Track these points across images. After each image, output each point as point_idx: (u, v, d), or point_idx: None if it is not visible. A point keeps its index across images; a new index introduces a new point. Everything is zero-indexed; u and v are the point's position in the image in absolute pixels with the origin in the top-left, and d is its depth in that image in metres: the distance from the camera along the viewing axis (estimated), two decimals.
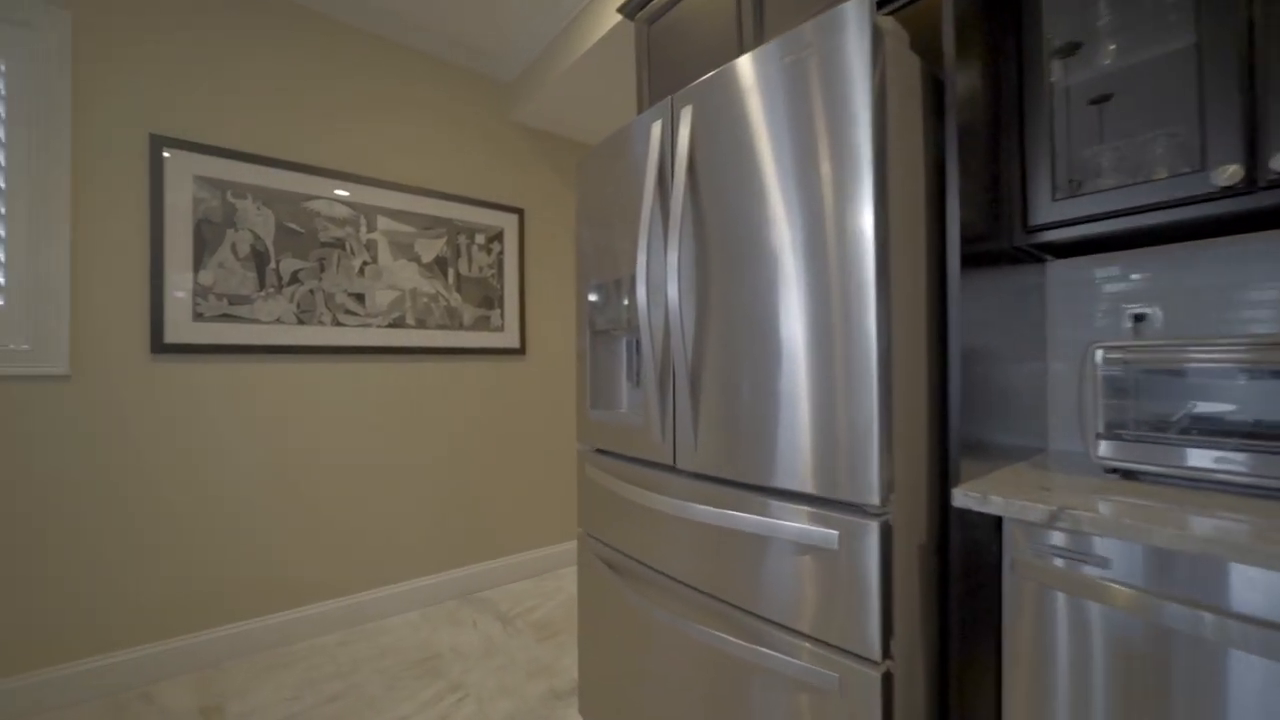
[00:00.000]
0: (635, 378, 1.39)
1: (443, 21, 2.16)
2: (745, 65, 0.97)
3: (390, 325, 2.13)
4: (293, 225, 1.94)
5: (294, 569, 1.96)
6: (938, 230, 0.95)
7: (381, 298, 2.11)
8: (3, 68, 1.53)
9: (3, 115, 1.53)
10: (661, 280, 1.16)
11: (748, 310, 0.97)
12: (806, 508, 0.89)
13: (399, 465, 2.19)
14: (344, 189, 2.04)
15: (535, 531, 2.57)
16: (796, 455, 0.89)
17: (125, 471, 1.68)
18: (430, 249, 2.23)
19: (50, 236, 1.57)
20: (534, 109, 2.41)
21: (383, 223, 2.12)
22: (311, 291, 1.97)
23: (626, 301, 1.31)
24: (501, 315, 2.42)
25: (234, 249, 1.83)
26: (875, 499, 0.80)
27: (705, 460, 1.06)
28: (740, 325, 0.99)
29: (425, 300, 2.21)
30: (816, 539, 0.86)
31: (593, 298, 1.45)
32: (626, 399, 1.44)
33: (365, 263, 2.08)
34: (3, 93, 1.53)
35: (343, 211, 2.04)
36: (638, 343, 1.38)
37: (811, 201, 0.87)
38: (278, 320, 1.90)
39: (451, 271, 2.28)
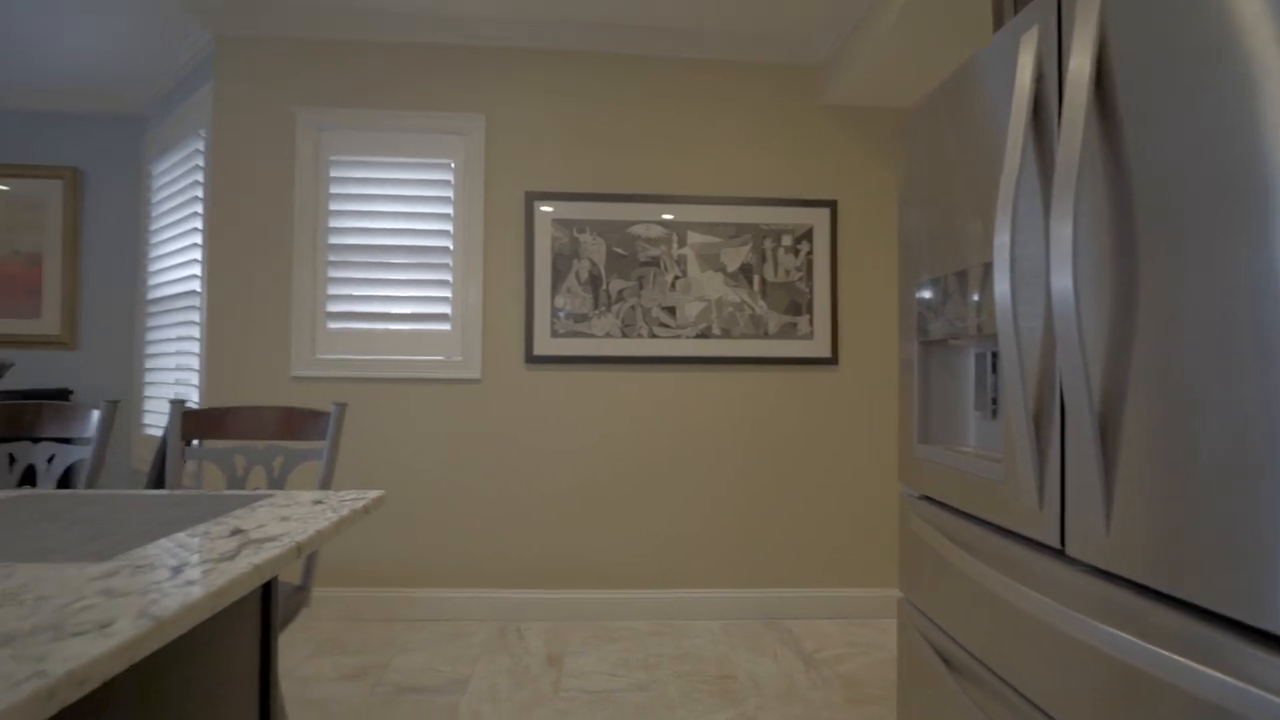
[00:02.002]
0: (990, 407, 0.98)
1: (741, 23, 2.10)
2: None
3: (698, 336, 2.19)
4: (619, 249, 2.18)
5: (618, 553, 2.20)
6: None
7: (690, 309, 2.19)
8: (453, 164, 2.20)
9: (453, 196, 2.19)
10: (1038, 266, 0.77)
11: (1227, 309, 0.51)
12: None
13: (704, 473, 2.22)
14: (659, 210, 2.19)
15: (846, 568, 2.24)
16: None
17: (511, 451, 2.18)
18: (736, 257, 2.20)
19: (474, 275, 2.17)
20: (848, 83, 2.11)
21: (692, 237, 2.19)
22: (633, 307, 2.18)
23: (976, 299, 0.94)
24: (810, 322, 2.20)
25: (577, 275, 2.17)
26: None
27: (1123, 554, 0.63)
28: (1208, 334, 0.53)
29: (731, 309, 2.19)
30: None
31: (923, 297, 1.10)
32: (974, 434, 1.04)
33: (676, 277, 2.19)
34: (453, 180, 2.20)
35: (658, 232, 2.19)
36: (994, 357, 0.98)
37: None
38: (607, 334, 2.18)
39: (757, 278, 2.20)
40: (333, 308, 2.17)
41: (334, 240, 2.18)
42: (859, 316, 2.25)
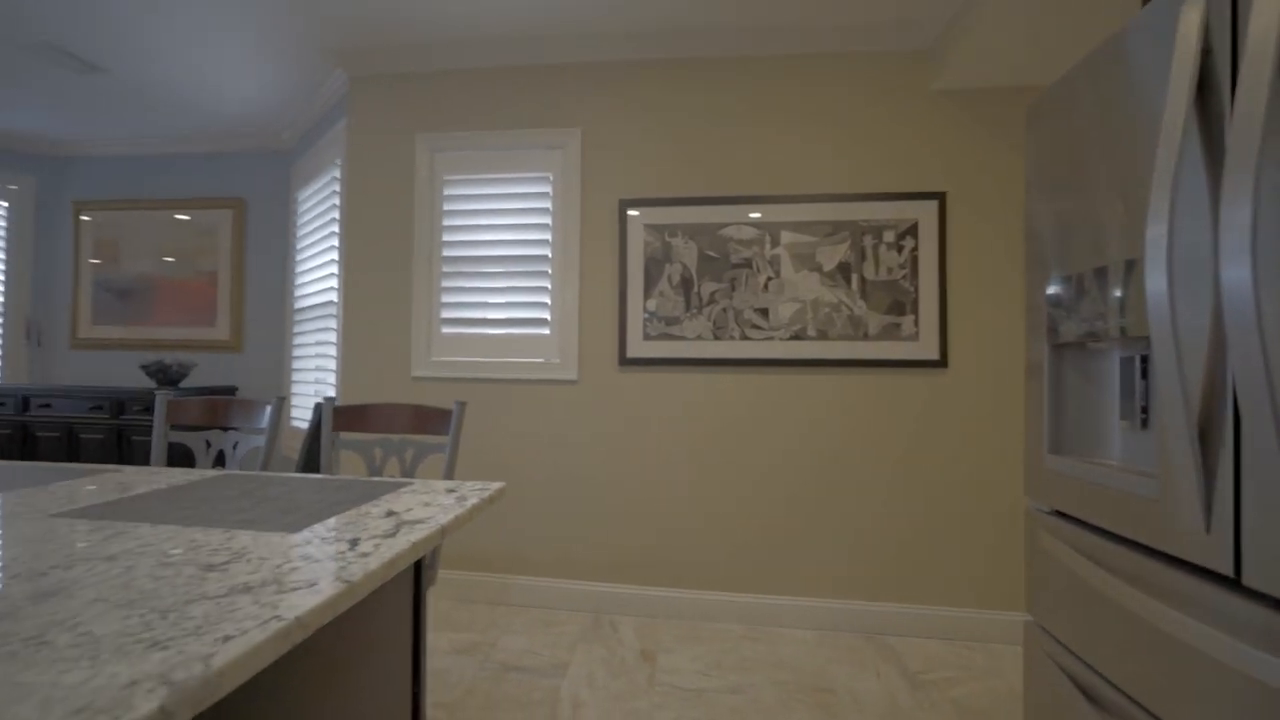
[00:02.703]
0: (1138, 416, 0.89)
1: (846, 14, 2.03)
2: None
3: (792, 338, 2.15)
4: (711, 252, 2.20)
5: (709, 554, 2.21)
6: None
7: (784, 311, 2.15)
8: (551, 176, 2.33)
9: (551, 207, 2.32)
10: (1200, 257, 0.69)
11: None
12: None
13: (798, 477, 2.17)
14: (752, 211, 2.18)
15: (954, 585, 2.09)
16: None
17: (605, 450, 2.27)
18: (832, 256, 2.13)
19: (570, 281, 2.28)
20: (959, 65, 1.97)
21: (785, 237, 2.16)
22: (724, 310, 2.18)
23: (1118, 296, 0.85)
24: (915, 322, 2.08)
25: (669, 279, 2.21)
26: None
27: None
28: None
29: (827, 310, 2.13)
30: None
31: (1053, 294, 1.02)
32: (1119, 447, 0.94)
33: (769, 278, 2.16)
34: (551, 192, 2.32)
35: (750, 233, 2.18)
36: (1144, 361, 0.88)
37: None
38: (698, 336, 2.20)
39: (855, 277, 2.12)
40: (445, 314, 2.38)
41: (447, 253, 2.38)
42: (971, 316, 2.09)
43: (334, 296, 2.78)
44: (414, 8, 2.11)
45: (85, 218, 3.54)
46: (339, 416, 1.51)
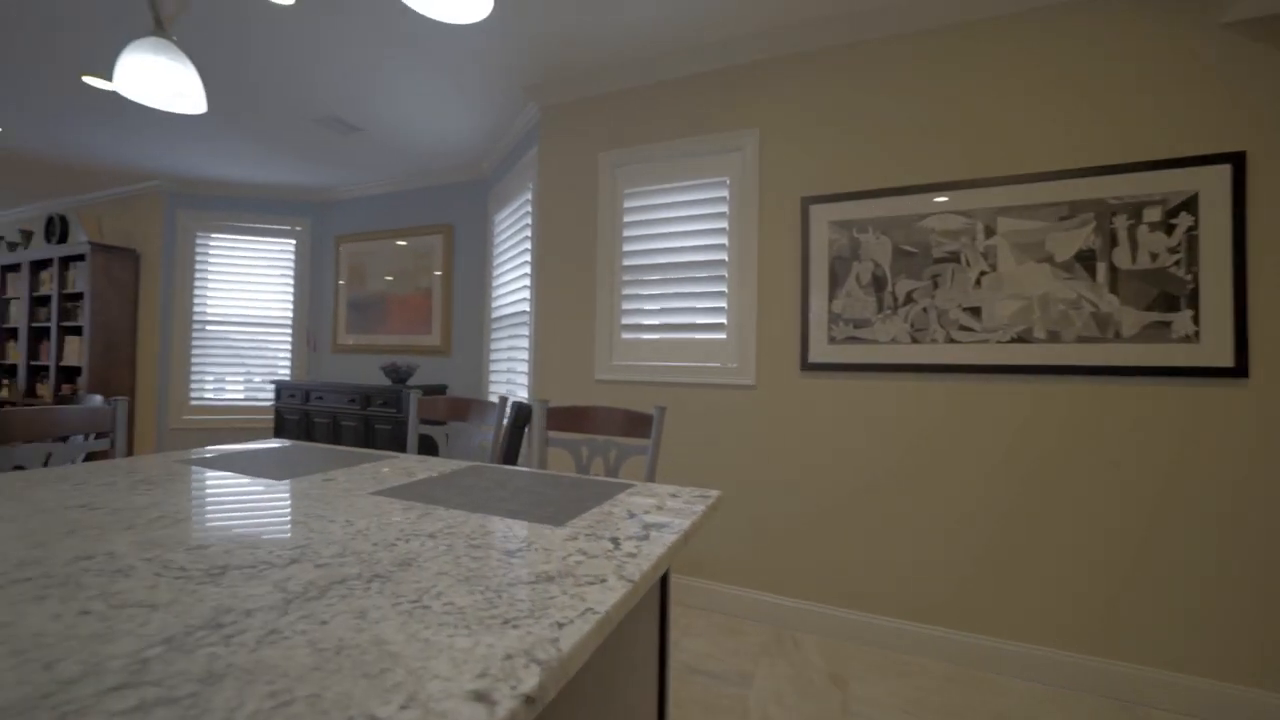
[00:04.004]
0: None
1: None
2: None
3: (1012, 340, 1.86)
4: (907, 247, 2.00)
5: (908, 580, 2.01)
6: None
7: (1001, 309, 1.87)
8: (728, 179, 2.32)
9: (728, 211, 2.31)
10: None
11: None
12: None
13: (1014, 502, 1.87)
14: (958, 199, 1.94)
15: (1246, 657, 1.62)
16: None
17: (786, 458, 2.19)
18: (1069, 243, 1.80)
19: (748, 285, 2.25)
20: None
21: (1003, 224, 1.88)
22: (925, 310, 1.97)
23: None
24: (1194, 319, 1.67)
25: (858, 278, 2.06)
26: None
27: None
28: None
29: (1061, 308, 1.80)
30: None
31: None
32: None
33: (982, 273, 1.90)
34: (728, 196, 2.31)
35: (956, 223, 1.94)
36: None
37: None
38: (893, 340, 2.01)
39: (1102, 267, 1.76)
40: (625, 320, 2.51)
41: (626, 261, 2.51)
42: None
43: (524, 306, 3.10)
44: (594, 32, 2.26)
45: (343, 249, 4.44)
46: (553, 416, 1.66)
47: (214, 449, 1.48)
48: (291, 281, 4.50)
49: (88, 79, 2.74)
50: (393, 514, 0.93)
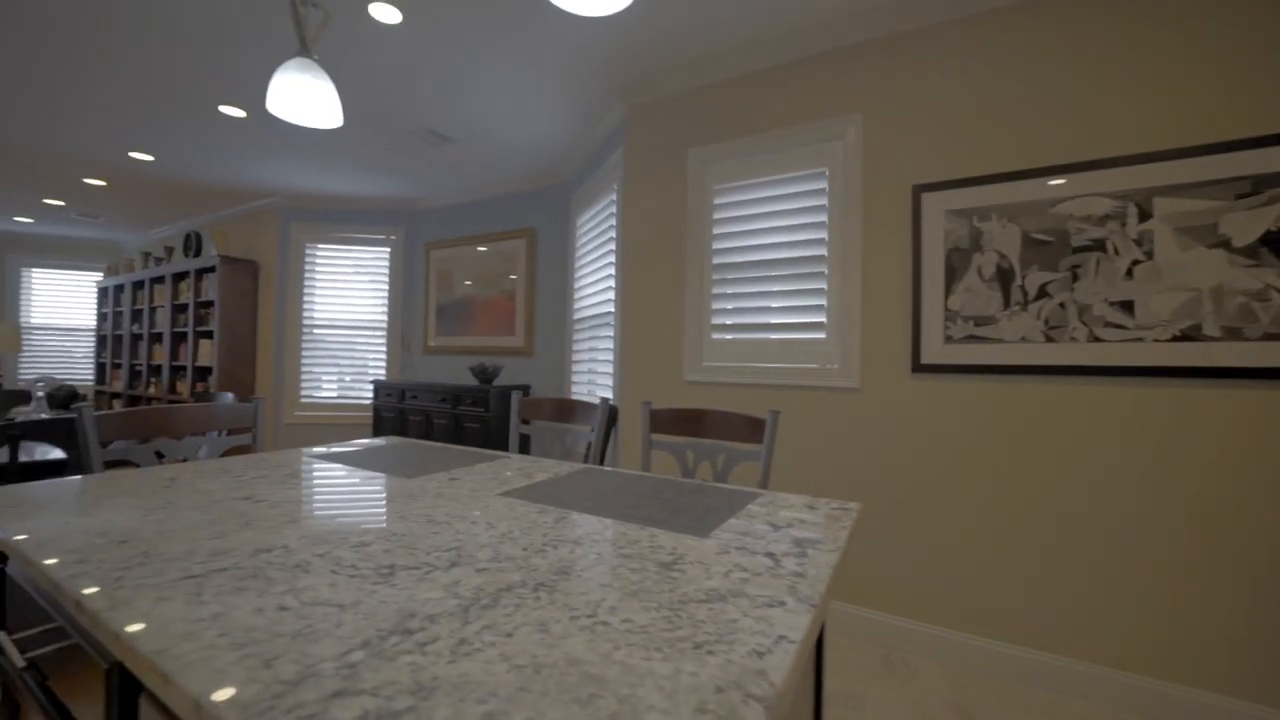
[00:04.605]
0: None
1: None
2: None
3: (1174, 339, 1.62)
4: (1039, 235, 1.80)
5: (1045, 607, 1.81)
6: None
7: (1160, 303, 1.64)
8: (827, 170, 2.20)
9: (827, 203, 2.19)
10: None
11: None
12: None
13: (1193, 525, 1.63)
14: (1099, 179, 1.72)
15: None
16: None
17: (894, 467, 2.04)
18: (1249, 225, 1.55)
19: (850, 281, 2.12)
20: None
21: (1161, 205, 1.65)
22: (1062, 305, 1.77)
23: None
24: None
25: (979, 271, 1.89)
26: None
27: None
28: None
29: (1241, 300, 1.55)
30: None
31: None
32: None
33: (1135, 262, 1.67)
34: (827, 188, 2.20)
35: (1102, 206, 1.72)
36: None
37: None
38: (1022, 339, 1.82)
39: None
40: (716, 320, 2.44)
41: (717, 260, 2.44)
42: None
43: (607, 308, 3.11)
44: (689, 27, 2.21)
45: (432, 255, 4.67)
46: (659, 419, 1.63)
47: (338, 446, 1.57)
48: (386, 286, 4.79)
49: (224, 108, 3.03)
50: (528, 516, 0.92)
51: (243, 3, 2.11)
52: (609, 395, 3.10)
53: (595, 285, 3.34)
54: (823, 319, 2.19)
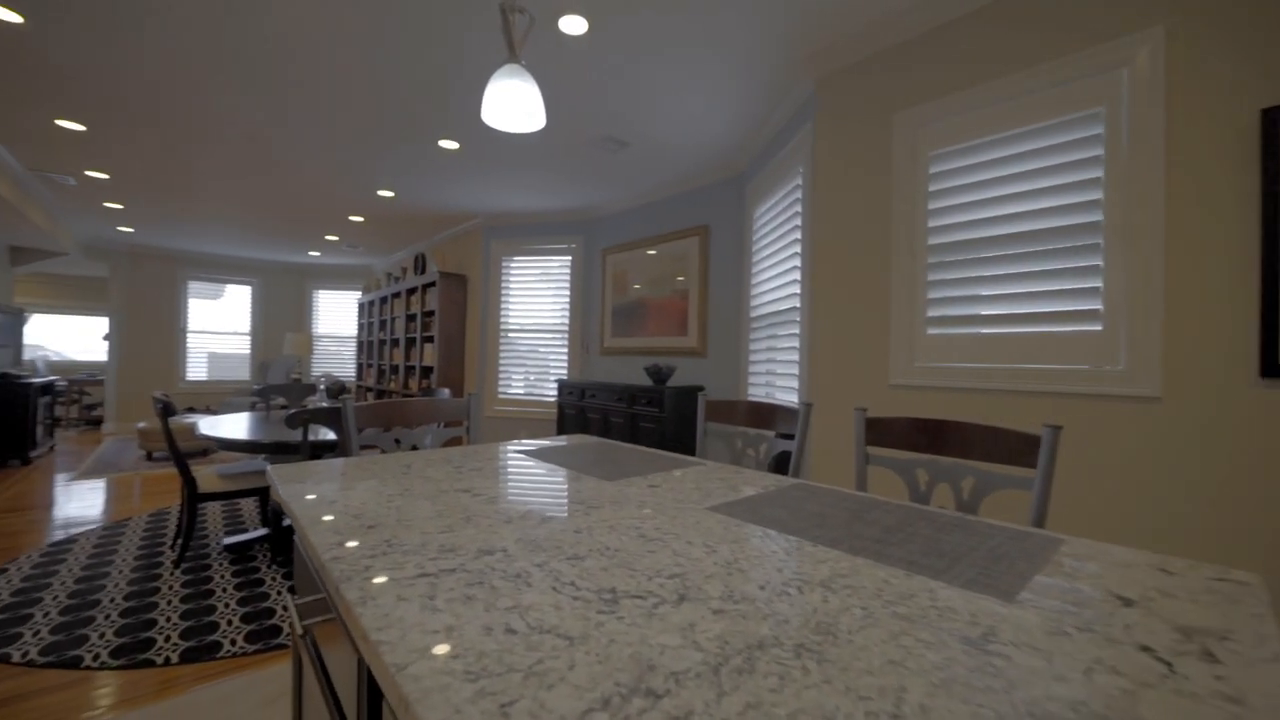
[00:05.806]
0: None
1: None
2: None
3: None
4: None
5: None
6: None
7: None
8: (1102, 110, 1.68)
9: (1103, 153, 1.68)
10: None
11: None
12: None
13: None
14: None
15: None
16: None
17: (1223, 502, 1.46)
18: None
19: (1143, 254, 1.58)
20: None
21: None
22: None
23: None
24: None
25: None
26: None
27: None
28: None
29: None
30: None
31: None
32: None
33: None
34: (1103, 133, 1.68)
35: None
36: None
37: None
38: None
39: None
40: (932, 312, 2.05)
41: (933, 240, 2.05)
42: None
43: (789, 303, 2.86)
44: None
45: (608, 259, 4.87)
46: (877, 429, 1.37)
47: (533, 442, 1.62)
48: (568, 291, 5.14)
49: (442, 142, 3.50)
50: (750, 541, 0.78)
51: (452, 53, 2.36)
52: (789, 399, 2.85)
53: (775, 280, 3.11)
54: (1098, 305, 1.68)
